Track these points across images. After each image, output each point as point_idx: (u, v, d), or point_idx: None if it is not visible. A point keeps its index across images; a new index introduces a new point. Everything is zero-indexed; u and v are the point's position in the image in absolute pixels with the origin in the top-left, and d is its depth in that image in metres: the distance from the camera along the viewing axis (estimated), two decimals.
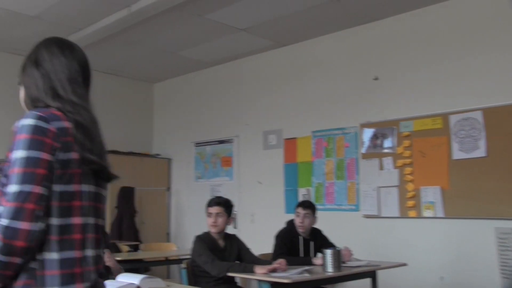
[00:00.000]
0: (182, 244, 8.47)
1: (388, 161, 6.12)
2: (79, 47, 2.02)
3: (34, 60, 1.87)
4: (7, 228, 1.49)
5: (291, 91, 7.29)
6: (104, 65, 8.36)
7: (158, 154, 9.06)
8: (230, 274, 4.10)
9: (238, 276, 4.32)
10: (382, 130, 6.23)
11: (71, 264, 1.62)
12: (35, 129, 1.62)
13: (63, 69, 1.86)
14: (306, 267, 4.06)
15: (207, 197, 7.09)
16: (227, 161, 8.10)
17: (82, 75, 1.93)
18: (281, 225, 7.10)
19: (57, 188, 1.61)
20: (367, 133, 6.37)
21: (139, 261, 5.48)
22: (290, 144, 7.20)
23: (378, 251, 6.04)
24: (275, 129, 7.42)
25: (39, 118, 1.65)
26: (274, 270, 3.99)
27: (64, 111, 1.74)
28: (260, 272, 3.89)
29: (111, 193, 8.09)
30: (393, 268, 5.23)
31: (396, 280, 5.90)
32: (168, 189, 8.89)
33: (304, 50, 7.22)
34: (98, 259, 1.75)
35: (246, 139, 7.84)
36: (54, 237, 1.59)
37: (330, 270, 4.00)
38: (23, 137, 1.60)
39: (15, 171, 1.55)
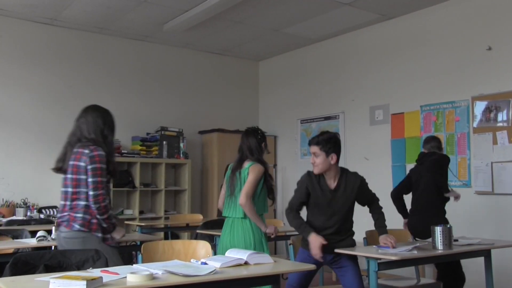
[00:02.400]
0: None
1: (502, 135, 5.81)
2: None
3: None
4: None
5: (398, 65, 7.09)
6: (210, 45, 8.56)
7: (264, 132, 9.15)
8: None
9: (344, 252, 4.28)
10: (495, 102, 5.91)
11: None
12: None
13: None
14: (417, 244, 3.96)
15: None
16: None
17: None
18: (387, 202, 6.98)
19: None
20: (479, 106, 6.07)
21: None
22: (398, 119, 7.02)
23: (491, 229, 5.79)
24: (382, 104, 7.26)
25: None
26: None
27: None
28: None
29: (218, 171, 8.32)
30: (510, 248, 4.99)
31: None
32: (275, 166, 8.99)
33: (411, 22, 6.97)
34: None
35: (352, 115, 7.75)
36: None
37: (440, 247, 3.88)
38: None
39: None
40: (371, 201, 4.14)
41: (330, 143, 3.91)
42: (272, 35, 8.02)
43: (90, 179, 3.51)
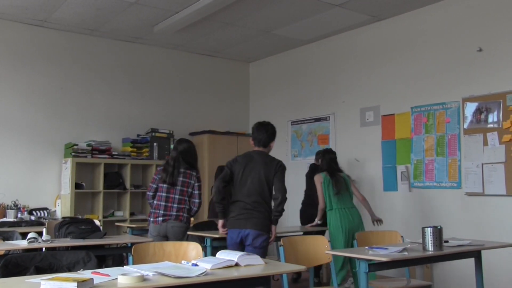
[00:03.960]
0: (280, 221, 8.54)
1: (493, 137, 5.84)
2: None
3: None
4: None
5: (389, 66, 7.12)
6: (200, 47, 8.56)
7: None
8: None
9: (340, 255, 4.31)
10: (486, 104, 5.94)
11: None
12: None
13: None
14: (406, 245, 3.98)
15: (304, 176, 7.15)
16: (323, 139, 8.06)
17: None
18: (380, 203, 7.02)
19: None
20: (470, 108, 6.10)
21: None
22: (388, 120, 7.05)
23: (481, 230, 5.82)
24: (373, 105, 7.28)
25: None
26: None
27: None
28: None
29: (209, 172, 8.32)
30: (499, 249, 5.02)
31: (503, 261, 5.66)
32: None
33: (402, 24, 7.00)
34: None
35: (342, 117, 7.76)
36: None
37: (430, 249, 3.89)
38: None
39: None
40: None
41: None
42: (263, 36, 8.03)
43: (196, 192, 5.26)
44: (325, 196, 5.79)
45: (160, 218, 5.14)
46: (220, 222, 4.64)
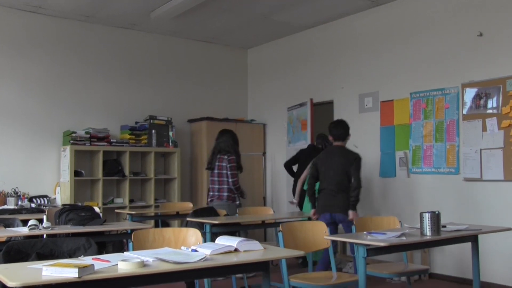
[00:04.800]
0: (278, 208, 8.60)
1: (492, 122, 5.85)
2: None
3: None
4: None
5: (388, 52, 7.10)
6: (198, 33, 8.53)
7: (253, 120, 9.18)
8: None
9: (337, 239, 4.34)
10: (486, 89, 5.94)
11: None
12: None
13: None
14: (404, 231, 4.00)
15: None
16: (305, 124, 8.00)
17: None
18: (379, 188, 7.05)
19: None
20: (469, 93, 6.10)
21: (237, 224, 5.63)
22: (387, 106, 7.05)
23: (479, 215, 5.85)
24: (371, 91, 7.28)
25: None
26: None
27: None
28: None
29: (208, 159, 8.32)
30: (496, 233, 5.06)
31: (499, 246, 5.70)
32: (264, 154, 9.01)
33: (401, 9, 6.97)
34: None
35: (341, 103, 7.76)
36: None
37: (428, 233, 3.92)
38: None
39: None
40: None
41: None
42: (261, 22, 8.00)
43: (228, 172, 6.21)
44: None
45: (208, 199, 6.40)
46: (313, 211, 5.62)
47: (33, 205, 6.89)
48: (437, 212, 3.97)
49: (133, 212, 6.61)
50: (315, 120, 7.81)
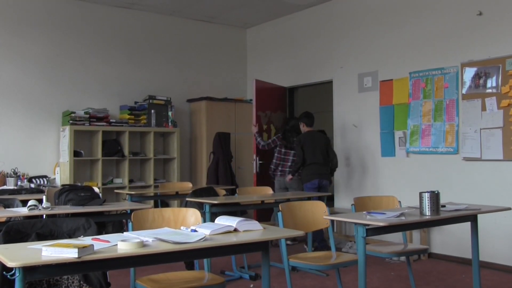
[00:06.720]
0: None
1: (491, 102, 5.83)
2: None
3: None
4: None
5: (387, 31, 7.06)
6: (196, 12, 8.47)
7: (252, 100, 9.13)
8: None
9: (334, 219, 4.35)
10: (485, 68, 5.92)
11: None
12: None
13: None
14: (404, 210, 4.01)
15: None
16: None
17: None
18: (378, 168, 7.06)
19: None
20: (469, 73, 6.07)
21: (236, 204, 5.64)
22: (386, 86, 7.02)
23: (478, 195, 5.86)
24: (371, 71, 7.25)
25: None
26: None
27: None
28: None
29: (207, 139, 8.33)
30: (496, 213, 5.07)
31: (499, 225, 5.72)
32: None
33: None
34: None
35: (340, 82, 7.73)
36: None
37: (427, 213, 3.92)
38: None
39: None
40: None
41: None
42: (260, 1, 7.93)
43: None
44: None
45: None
46: (290, 176, 7.11)
47: (32, 185, 6.89)
48: (436, 192, 3.97)
49: (132, 192, 6.62)
50: (315, 99, 7.81)
